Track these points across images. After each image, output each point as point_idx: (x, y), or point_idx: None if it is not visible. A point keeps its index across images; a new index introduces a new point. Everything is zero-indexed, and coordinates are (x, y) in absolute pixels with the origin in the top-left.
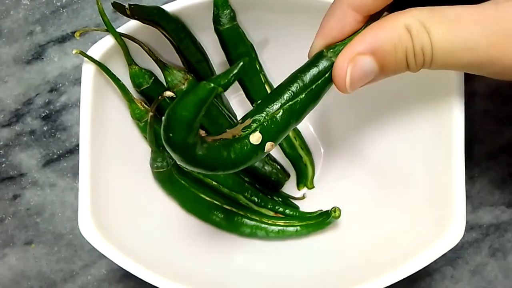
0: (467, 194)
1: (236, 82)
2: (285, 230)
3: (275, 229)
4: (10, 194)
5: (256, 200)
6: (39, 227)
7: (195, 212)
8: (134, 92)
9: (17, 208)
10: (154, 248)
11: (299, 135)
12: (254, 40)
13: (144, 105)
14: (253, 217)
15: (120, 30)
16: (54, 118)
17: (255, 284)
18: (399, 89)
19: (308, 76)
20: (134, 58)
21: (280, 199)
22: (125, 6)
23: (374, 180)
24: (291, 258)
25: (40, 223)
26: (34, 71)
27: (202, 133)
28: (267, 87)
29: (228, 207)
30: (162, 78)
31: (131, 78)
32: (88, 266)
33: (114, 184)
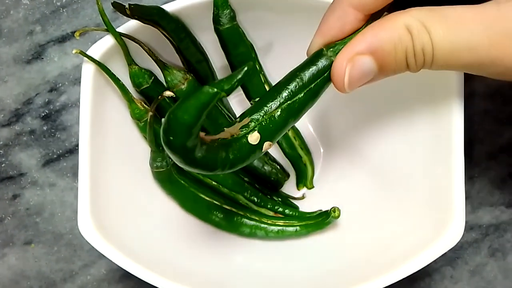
0: (466, 194)
1: None
2: (284, 230)
3: (274, 229)
4: (9, 193)
5: (256, 200)
6: (39, 227)
7: (194, 212)
8: (134, 92)
9: (16, 208)
10: (154, 248)
11: (299, 135)
12: (254, 40)
13: (144, 105)
14: (252, 217)
15: (120, 30)
16: (54, 118)
17: (254, 284)
18: (399, 89)
19: (307, 75)
20: (134, 58)
21: (280, 199)
22: (125, 6)
23: (373, 180)
24: (291, 258)
25: (39, 223)
26: (34, 70)
27: (201, 134)
28: (266, 87)
29: (228, 207)
30: (162, 78)
31: (131, 78)
32: (88, 266)
33: (114, 184)
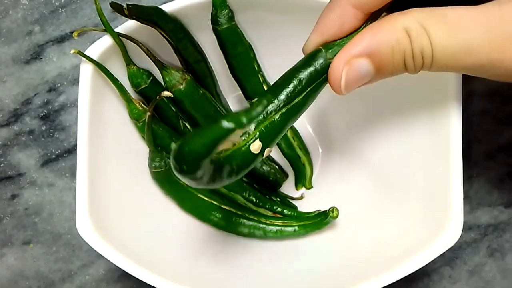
0: (465, 194)
1: (234, 82)
2: (283, 230)
3: (273, 229)
4: (8, 194)
5: (254, 200)
6: (38, 227)
7: (193, 212)
8: (132, 92)
9: (15, 208)
10: (152, 248)
11: (297, 135)
12: (252, 40)
13: (142, 105)
14: (251, 217)
15: (118, 30)
16: (53, 118)
17: (253, 284)
18: (398, 89)
19: (305, 77)
20: (132, 58)
21: (278, 199)
22: (123, 6)
23: (372, 181)
24: (289, 258)
25: (38, 223)
26: (32, 71)
27: None
28: (265, 87)
29: (226, 207)
30: (160, 78)
31: (129, 78)
32: (86, 266)
33: (112, 184)
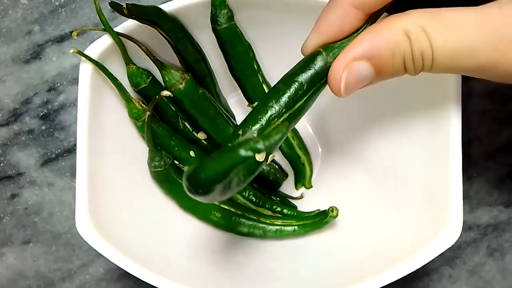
0: (465, 194)
1: (234, 82)
2: (282, 229)
3: (272, 228)
4: (8, 193)
5: (254, 199)
6: (37, 227)
7: (193, 211)
8: (131, 92)
9: (15, 207)
10: (152, 247)
11: (297, 135)
12: (252, 40)
13: (142, 104)
14: (251, 216)
15: (117, 29)
16: (52, 118)
17: (252, 283)
18: (397, 90)
19: (307, 81)
20: (132, 57)
21: (278, 199)
22: (122, 6)
23: (371, 180)
24: (289, 258)
25: (38, 223)
26: (32, 70)
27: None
28: (265, 86)
29: (226, 207)
30: (159, 77)
31: (128, 77)
32: (86, 265)
33: (112, 183)
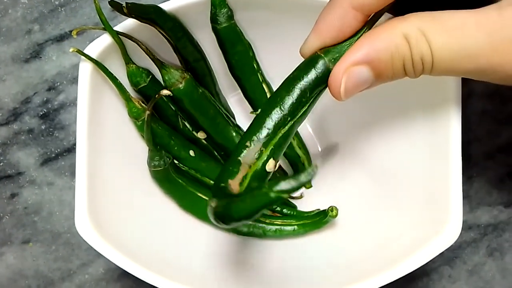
0: (465, 194)
1: (234, 81)
2: (282, 229)
3: (272, 228)
4: (7, 192)
5: None
6: (37, 226)
7: (192, 211)
8: (131, 91)
9: (14, 206)
10: (152, 247)
11: (297, 134)
12: (251, 39)
13: (142, 103)
14: None
15: (117, 28)
16: (52, 117)
17: (252, 283)
18: (397, 90)
19: (309, 87)
20: (132, 56)
21: None
22: (122, 5)
23: (371, 180)
24: (288, 257)
25: (37, 222)
26: (32, 69)
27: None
28: (264, 86)
29: None
30: (159, 76)
31: (128, 76)
32: (86, 265)
33: (111, 183)
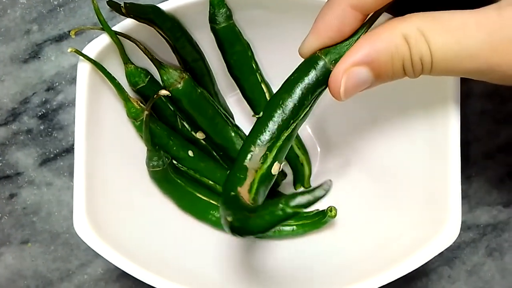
0: (464, 194)
1: (233, 81)
2: (281, 229)
3: None
4: (6, 193)
5: None
6: (36, 226)
7: (191, 211)
8: (129, 91)
9: (13, 207)
10: (150, 247)
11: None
12: (250, 39)
13: (140, 104)
14: None
15: (115, 28)
16: (51, 117)
17: (251, 283)
18: (396, 90)
19: (310, 88)
20: (130, 56)
21: None
22: (120, 5)
23: (370, 180)
24: (288, 257)
25: (36, 222)
26: (31, 70)
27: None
28: (263, 86)
29: None
30: (158, 77)
31: (126, 76)
32: (85, 265)
33: (110, 183)
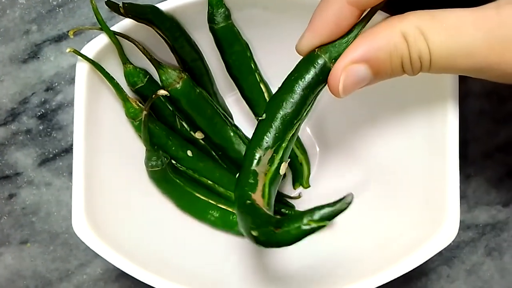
0: (463, 193)
1: (231, 81)
2: None
3: None
4: (5, 193)
5: None
6: (35, 226)
7: (190, 211)
8: (128, 91)
9: (12, 207)
10: (149, 247)
11: None
12: (249, 39)
13: (139, 103)
14: None
15: (114, 28)
16: (50, 117)
17: (249, 283)
18: (394, 89)
19: (310, 87)
20: (129, 56)
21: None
22: (119, 5)
23: (369, 180)
24: (286, 257)
25: (35, 222)
26: (30, 70)
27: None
28: (262, 86)
29: (224, 206)
30: (156, 76)
31: (125, 76)
32: (84, 265)
33: (109, 183)
